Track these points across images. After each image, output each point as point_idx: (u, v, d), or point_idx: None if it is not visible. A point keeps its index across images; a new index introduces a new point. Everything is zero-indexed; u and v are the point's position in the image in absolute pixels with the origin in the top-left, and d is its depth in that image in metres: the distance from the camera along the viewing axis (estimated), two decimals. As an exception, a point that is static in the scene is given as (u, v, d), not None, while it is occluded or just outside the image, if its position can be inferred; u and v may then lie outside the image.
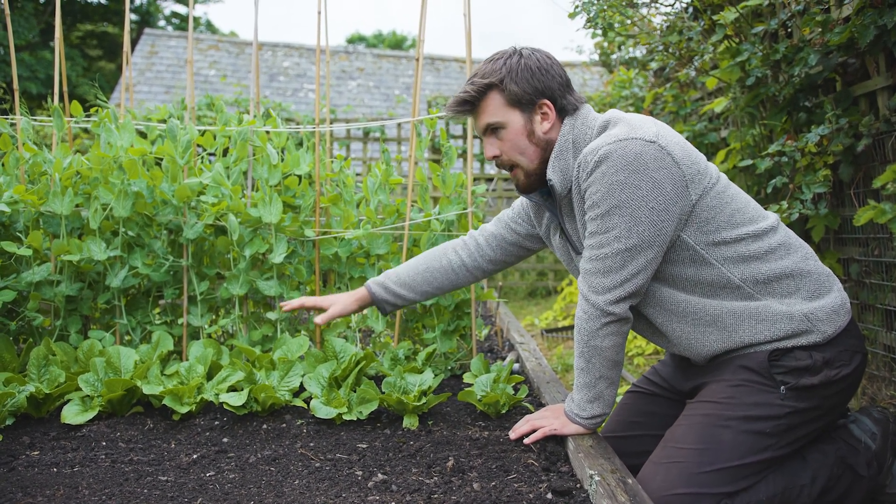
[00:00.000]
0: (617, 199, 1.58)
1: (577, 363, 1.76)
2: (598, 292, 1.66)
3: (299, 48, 14.84)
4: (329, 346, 2.50)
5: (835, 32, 2.29)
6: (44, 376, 2.33)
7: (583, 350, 1.72)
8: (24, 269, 2.59)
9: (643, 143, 1.57)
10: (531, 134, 1.75)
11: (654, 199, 1.57)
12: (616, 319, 1.67)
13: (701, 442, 1.60)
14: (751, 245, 1.64)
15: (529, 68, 1.72)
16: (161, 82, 12.83)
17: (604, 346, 1.69)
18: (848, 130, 2.37)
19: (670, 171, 1.58)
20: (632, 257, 1.61)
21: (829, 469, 1.67)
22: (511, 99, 1.73)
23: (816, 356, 1.61)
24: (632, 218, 1.58)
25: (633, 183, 1.56)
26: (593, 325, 1.68)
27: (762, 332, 1.63)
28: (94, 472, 1.77)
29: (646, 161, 1.56)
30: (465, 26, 2.62)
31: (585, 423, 1.78)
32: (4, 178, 2.61)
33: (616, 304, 1.66)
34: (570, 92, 1.77)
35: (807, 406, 1.61)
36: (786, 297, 1.64)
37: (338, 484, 1.67)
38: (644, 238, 1.59)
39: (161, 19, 22.08)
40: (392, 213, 2.79)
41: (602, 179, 1.59)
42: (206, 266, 2.77)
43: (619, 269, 1.62)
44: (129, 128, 2.64)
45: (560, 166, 1.74)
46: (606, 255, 1.63)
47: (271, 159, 2.68)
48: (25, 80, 15.88)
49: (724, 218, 1.65)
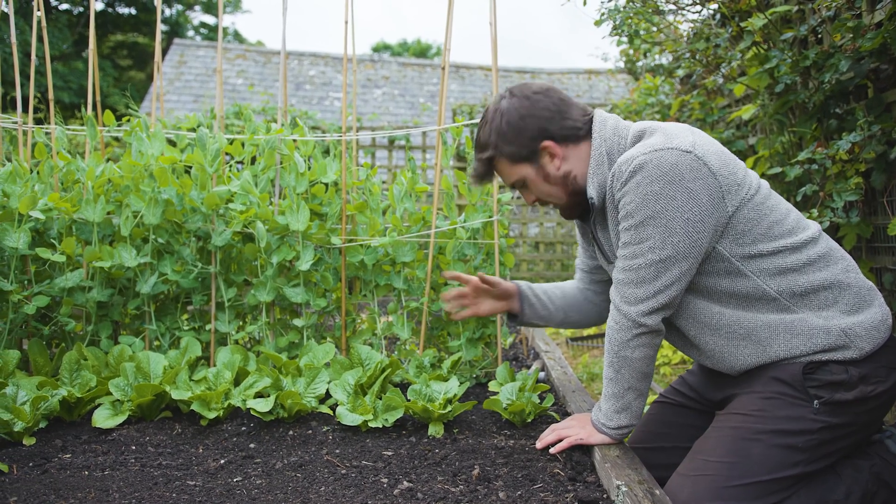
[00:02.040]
0: (651, 210, 1.57)
1: (606, 373, 1.74)
2: (630, 303, 1.64)
3: (325, 57, 14.98)
4: (355, 354, 2.51)
5: (867, 38, 2.25)
6: (76, 381, 2.37)
7: (612, 360, 1.71)
8: (57, 274, 2.64)
9: (679, 153, 1.56)
10: (547, 177, 1.77)
11: (690, 211, 1.55)
12: (648, 331, 1.66)
13: (730, 455, 1.57)
14: (788, 257, 1.61)
15: (511, 124, 1.72)
16: (190, 91, 13.02)
17: (634, 357, 1.68)
18: (881, 137, 2.33)
19: (706, 182, 1.56)
20: (665, 268, 1.59)
21: (864, 485, 1.62)
22: (513, 158, 1.76)
23: (852, 371, 1.57)
24: (666, 229, 1.56)
25: (669, 193, 1.55)
26: (624, 335, 1.67)
27: (797, 347, 1.60)
28: (124, 476, 1.80)
29: (681, 171, 1.55)
30: (492, 34, 2.62)
31: (612, 434, 1.77)
32: (39, 185, 2.67)
33: (648, 316, 1.64)
34: (568, 114, 1.74)
35: (840, 422, 1.57)
36: (823, 310, 1.61)
37: (363, 491, 1.68)
38: (679, 249, 1.58)
39: (190, 29, 22.44)
40: (418, 221, 2.80)
41: (636, 190, 1.58)
42: (233, 273, 2.80)
43: (653, 280, 1.61)
44: (160, 137, 2.69)
45: (598, 181, 1.73)
46: (640, 265, 1.61)
47: (298, 167, 2.71)
48: (58, 90, 16.24)
49: (762, 230, 1.62)
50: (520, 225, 7.69)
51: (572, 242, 7.61)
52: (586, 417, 1.88)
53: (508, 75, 15.13)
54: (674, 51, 3.86)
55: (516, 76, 15.20)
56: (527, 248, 7.69)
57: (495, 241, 2.67)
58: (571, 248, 7.64)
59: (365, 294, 2.83)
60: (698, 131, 1.69)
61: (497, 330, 2.71)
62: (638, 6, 3.51)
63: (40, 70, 10.72)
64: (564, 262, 7.59)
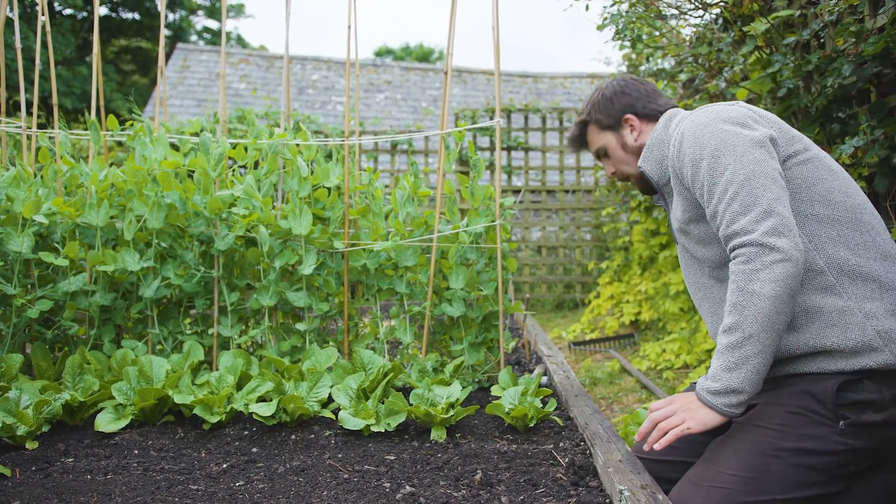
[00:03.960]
0: (714, 145, 1.62)
1: (723, 324, 1.54)
2: (747, 232, 1.52)
3: (328, 61, 15.01)
4: (357, 358, 2.51)
5: (869, 42, 2.25)
6: (78, 384, 2.37)
7: (736, 301, 1.51)
8: (60, 279, 2.64)
9: (724, 106, 1.70)
10: (625, 146, 1.96)
11: (748, 137, 1.60)
12: (781, 258, 1.47)
13: (748, 470, 1.52)
14: (844, 230, 1.60)
15: (606, 97, 1.97)
16: (193, 96, 13.05)
17: (763, 292, 1.48)
18: (883, 142, 2.33)
19: (755, 118, 1.67)
20: (760, 185, 1.54)
21: (875, 499, 1.58)
22: (601, 126, 1.99)
23: (886, 392, 1.52)
24: (734, 153, 1.59)
25: (723, 128, 1.63)
26: (753, 265, 1.49)
27: (829, 338, 1.55)
28: (127, 480, 1.80)
29: (729, 114, 1.66)
30: (494, 39, 2.63)
31: (716, 404, 1.54)
32: (43, 190, 2.68)
33: (775, 236, 1.49)
34: (654, 101, 1.96)
35: (863, 446, 1.53)
36: (866, 302, 1.55)
37: (366, 496, 1.67)
38: (759, 166, 1.56)
39: (193, 34, 22.51)
40: (420, 225, 2.81)
41: (692, 140, 1.67)
42: (236, 277, 2.80)
43: (756, 200, 1.53)
44: (163, 141, 2.70)
45: (654, 156, 1.87)
46: (735, 195, 1.55)
47: (301, 172, 2.71)
48: (62, 96, 16.28)
49: (820, 192, 1.62)
50: (522, 229, 7.69)
51: (575, 247, 7.60)
52: (689, 395, 1.62)
53: (511, 79, 15.14)
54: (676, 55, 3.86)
55: (518, 80, 15.22)
56: (529, 252, 7.69)
57: (498, 245, 2.67)
58: (574, 252, 7.64)
59: (367, 298, 2.83)
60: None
61: (499, 334, 2.71)
62: (640, 11, 3.52)
63: (44, 75, 10.76)
64: (567, 266, 7.59)
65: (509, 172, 7.80)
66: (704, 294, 1.82)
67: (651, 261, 5.88)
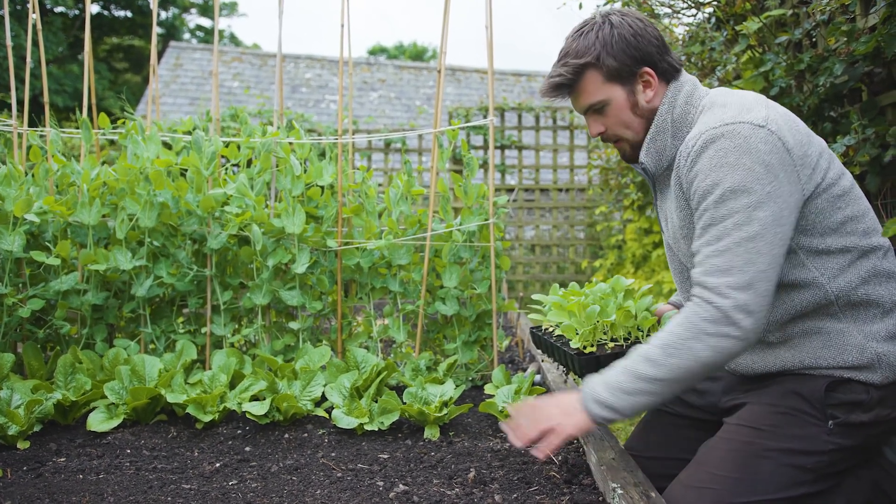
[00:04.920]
0: (730, 182, 1.43)
1: (650, 349, 1.49)
2: (721, 294, 1.43)
3: (321, 60, 14.98)
4: (351, 357, 2.51)
5: (861, 42, 2.26)
6: (70, 384, 2.36)
7: (671, 343, 1.46)
8: (52, 278, 2.63)
9: (752, 127, 1.45)
10: (635, 106, 1.64)
11: (770, 184, 1.42)
12: (736, 337, 1.42)
13: (738, 471, 1.52)
14: (855, 259, 1.53)
15: (624, 38, 1.59)
16: (186, 94, 13.01)
17: (700, 356, 1.43)
18: (875, 140, 2.34)
19: (782, 158, 1.44)
20: (755, 252, 1.42)
21: (864, 495, 1.59)
22: (609, 75, 1.61)
23: (874, 392, 1.53)
24: (749, 201, 1.42)
25: (746, 164, 1.42)
26: (706, 326, 1.43)
27: (825, 358, 1.54)
28: (119, 480, 1.79)
29: (756, 145, 1.43)
30: (487, 38, 2.63)
31: (596, 413, 1.50)
32: (34, 188, 2.66)
33: (744, 313, 1.41)
34: (669, 52, 1.64)
35: (852, 444, 1.53)
36: (867, 325, 1.53)
37: (359, 494, 1.67)
38: (766, 226, 1.42)
39: (186, 32, 22.43)
40: (414, 224, 2.80)
41: (710, 163, 1.45)
42: (229, 276, 2.79)
43: (742, 267, 1.42)
44: (155, 139, 2.68)
45: (655, 148, 1.64)
46: (727, 247, 1.44)
47: (294, 170, 2.70)
48: (53, 94, 16.20)
49: (834, 223, 1.51)
50: (516, 228, 7.69)
51: (568, 245, 7.61)
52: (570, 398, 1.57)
53: (504, 78, 15.15)
54: (669, 54, 3.86)
55: (512, 79, 15.23)
56: (523, 250, 7.70)
57: (491, 243, 2.67)
58: (567, 250, 7.65)
59: (361, 297, 2.83)
60: (773, 103, 1.56)
61: (493, 333, 2.71)
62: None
63: (35, 73, 10.71)
64: (560, 264, 7.60)
65: (503, 171, 7.80)
66: (687, 293, 1.79)
67: (644, 259, 5.89)
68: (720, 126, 1.47)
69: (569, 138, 7.61)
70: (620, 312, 1.88)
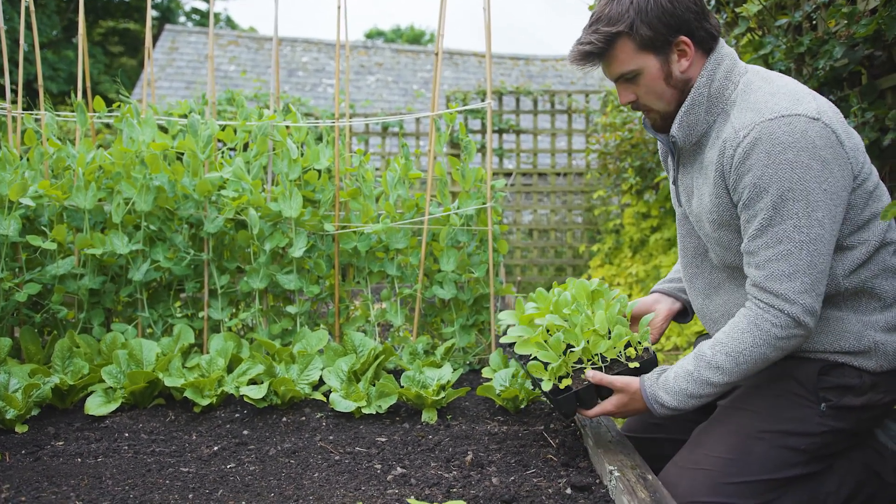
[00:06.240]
0: (788, 183, 1.41)
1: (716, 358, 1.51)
2: (789, 301, 1.45)
3: (318, 43, 14.88)
4: (348, 341, 2.51)
5: (861, 24, 2.25)
6: (68, 368, 2.36)
7: (742, 350, 1.49)
8: (48, 262, 2.62)
9: (808, 121, 1.42)
10: (668, 76, 1.57)
11: (827, 181, 1.41)
12: (803, 335, 1.48)
13: (731, 452, 1.55)
14: (870, 254, 1.53)
15: (660, 4, 1.51)
16: (181, 78, 12.92)
17: (771, 357, 1.50)
18: (874, 124, 2.33)
19: (836, 152, 1.43)
20: (816, 253, 1.43)
21: (856, 476, 1.61)
22: (643, 44, 1.53)
23: (866, 377, 1.54)
24: (808, 203, 1.41)
25: (804, 162, 1.40)
26: (780, 332, 1.46)
27: (822, 343, 1.55)
28: (117, 463, 1.79)
29: (813, 139, 1.41)
30: (485, 20, 2.61)
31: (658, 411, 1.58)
32: (30, 172, 2.65)
33: (810, 315, 1.46)
34: (707, 17, 1.56)
35: (844, 427, 1.55)
36: (867, 315, 1.55)
37: (357, 477, 1.68)
38: (825, 227, 1.42)
39: (181, 15, 22.25)
40: (411, 208, 2.80)
41: (766, 160, 1.42)
42: (226, 260, 2.79)
43: (806, 270, 1.43)
44: (151, 123, 2.67)
45: (688, 121, 1.58)
46: (789, 251, 1.43)
47: (291, 154, 2.69)
48: (47, 80, 16.06)
49: (861, 220, 1.51)
50: (513, 212, 7.68)
51: (566, 230, 7.61)
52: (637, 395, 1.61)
53: (502, 62, 15.06)
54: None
55: (510, 63, 15.13)
56: (521, 235, 7.69)
57: (489, 227, 2.67)
58: (565, 235, 7.64)
59: (358, 281, 2.82)
60: (815, 93, 1.53)
61: (490, 316, 2.71)
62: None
63: (29, 58, 10.63)
64: (558, 248, 7.60)
65: (500, 155, 7.77)
66: (699, 271, 1.76)
67: (642, 243, 5.89)
68: (775, 118, 1.43)
69: (567, 122, 7.58)
70: (589, 335, 1.67)
